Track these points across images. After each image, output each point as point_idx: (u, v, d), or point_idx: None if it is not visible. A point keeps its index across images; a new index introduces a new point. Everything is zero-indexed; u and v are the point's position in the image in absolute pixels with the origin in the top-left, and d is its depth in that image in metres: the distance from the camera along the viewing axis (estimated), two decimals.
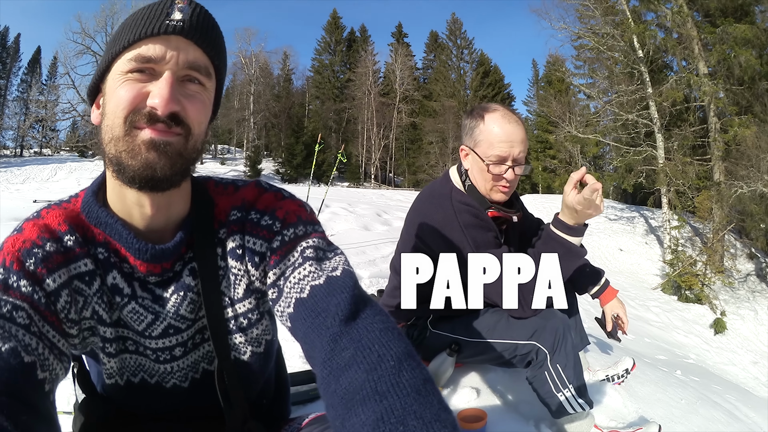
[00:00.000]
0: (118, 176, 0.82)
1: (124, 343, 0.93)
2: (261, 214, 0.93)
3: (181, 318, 0.93)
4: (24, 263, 0.80)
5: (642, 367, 3.27)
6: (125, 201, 0.86)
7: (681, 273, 15.71)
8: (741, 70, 17.04)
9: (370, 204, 14.01)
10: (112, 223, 0.86)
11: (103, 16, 38.08)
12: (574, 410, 1.82)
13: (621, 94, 19.87)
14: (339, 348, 0.72)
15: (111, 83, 0.82)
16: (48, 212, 0.87)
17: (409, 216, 2.08)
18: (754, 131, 16.17)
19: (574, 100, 33.38)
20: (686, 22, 18.36)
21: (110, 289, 0.89)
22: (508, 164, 1.87)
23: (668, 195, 18.87)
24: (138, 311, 0.91)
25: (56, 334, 0.80)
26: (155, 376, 0.96)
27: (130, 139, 0.79)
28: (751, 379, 10.24)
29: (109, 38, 0.77)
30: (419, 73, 55.97)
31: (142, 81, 0.80)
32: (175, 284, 0.92)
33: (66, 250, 0.85)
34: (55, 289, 0.82)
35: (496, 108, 1.92)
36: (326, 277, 0.83)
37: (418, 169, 49.19)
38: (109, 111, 0.81)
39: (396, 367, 0.66)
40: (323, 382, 0.70)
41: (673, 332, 11.52)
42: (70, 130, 46.86)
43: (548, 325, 1.80)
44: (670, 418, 2.58)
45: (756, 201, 15.79)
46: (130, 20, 0.82)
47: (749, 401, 5.63)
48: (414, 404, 0.60)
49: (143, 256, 0.86)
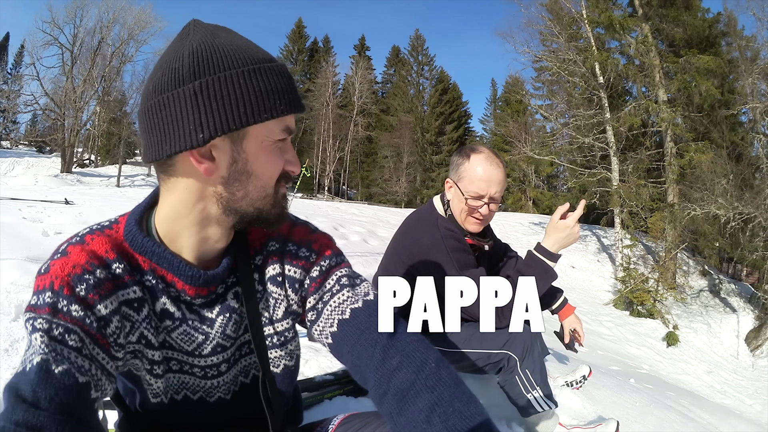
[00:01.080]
0: (247, 223, 0.94)
1: (168, 364, 0.99)
2: (298, 247, 1.05)
3: (227, 337, 1.01)
4: (75, 288, 0.84)
5: (597, 375, 3.59)
6: (203, 237, 0.94)
7: (633, 289, 16.34)
8: (701, 99, 18.12)
9: (326, 217, 14.02)
10: (160, 252, 0.92)
11: (73, 8, 36.37)
12: (542, 408, 2.07)
13: (579, 117, 20.57)
14: (388, 356, 0.89)
15: (258, 147, 0.88)
16: (93, 238, 0.91)
17: (397, 238, 2.30)
18: (711, 156, 17.12)
19: (530, 121, 34.37)
20: (650, 51, 19.32)
21: (160, 313, 0.95)
22: (484, 200, 2.12)
23: (621, 215, 19.67)
24: (189, 333, 0.98)
25: (106, 356, 0.85)
26: (199, 392, 1.04)
27: (277, 197, 0.94)
28: (705, 387, 10.76)
29: (214, 80, 0.80)
30: (378, 86, 56.43)
31: (281, 149, 0.92)
32: (220, 306, 1.00)
33: (114, 277, 0.89)
34: (106, 315, 0.86)
35: (482, 150, 2.19)
36: (363, 301, 0.99)
37: (372, 182, 49.39)
38: (262, 174, 0.90)
39: (436, 368, 0.86)
40: (376, 384, 0.88)
41: (626, 345, 11.98)
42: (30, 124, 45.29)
43: (518, 336, 2.06)
44: (626, 418, 2.90)
45: (709, 222, 16.71)
46: (264, 81, 0.85)
47: (703, 406, 5.97)
48: (456, 391, 0.81)
49: (196, 282, 0.94)
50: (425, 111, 51.81)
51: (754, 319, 16.07)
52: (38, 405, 0.73)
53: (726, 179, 16.81)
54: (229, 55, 0.84)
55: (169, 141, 0.84)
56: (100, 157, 44.59)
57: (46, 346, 0.78)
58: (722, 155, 17.70)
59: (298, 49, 54.56)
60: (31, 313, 0.83)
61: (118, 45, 38.14)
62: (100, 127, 40.36)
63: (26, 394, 0.73)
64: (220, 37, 0.86)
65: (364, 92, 49.73)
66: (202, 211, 0.91)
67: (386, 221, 16.67)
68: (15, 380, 0.76)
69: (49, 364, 0.76)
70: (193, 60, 0.83)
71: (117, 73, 39.12)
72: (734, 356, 14.36)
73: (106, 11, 37.29)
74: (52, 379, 0.75)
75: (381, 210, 23.81)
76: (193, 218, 0.92)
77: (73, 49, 36.45)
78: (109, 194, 13.40)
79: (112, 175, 35.34)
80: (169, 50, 0.86)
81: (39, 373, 0.75)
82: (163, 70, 0.84)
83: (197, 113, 0.82)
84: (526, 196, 40.07)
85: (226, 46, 0.84)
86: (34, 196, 9.24)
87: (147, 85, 0.87)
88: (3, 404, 0.74)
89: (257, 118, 0.84)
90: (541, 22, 22.68)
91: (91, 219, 6.24)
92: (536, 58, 23.83)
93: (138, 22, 38.21)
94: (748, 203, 16.06)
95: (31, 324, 0.81)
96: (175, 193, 0.91)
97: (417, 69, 53.87)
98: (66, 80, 36.05)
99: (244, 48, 0.86)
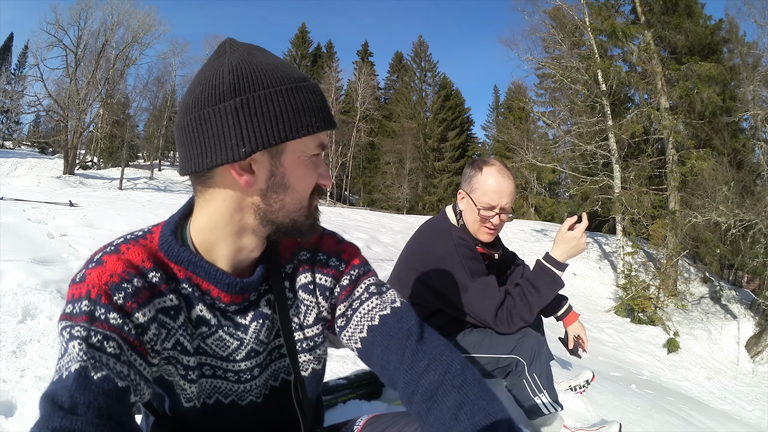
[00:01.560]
0: (282, 234, 0.98)
1: (201, 369, 1.02)
2: (328, 256, 1.10)
3: (260, 342, 1.05)
4: (112, 297, 0.85)
5: (600, 381, 3.67)
6: (238, 246, 0.98)
7: (634, 296, 16.31)
8: (702, 106, 18.16)
9: (329, 223, 13.67)
10: (196, 261, 0.95)
11: (77, 9, 36.68)
12: (549, 411, 2.14)
13: (581, 125, 20.62)
14: (416, 360, 0.95)
15: (296, 161, 0.92)
16: (128, 248, 0.93)
17: (410, 247, 2.38)
18: (712, 164, 17.13)
19: (533, 128, 34.38)
20: (652, 58, 19.37)
21: (195, 320, 0.98)
22: (495, 211, 2.21)
23: (623, 223, 19.67)
24: (224, 339, 1.01)
25: (143, 362, 0.87)
26: (231, 396, 1.07)
27: (311, 209, 0.98)
28: (705, 394, 10.73)
29: (253, 98, 0.84)
30: (381, 92, 56.72)
31: (316, 163, 0.95)
32: (253, 312, 1.03)
33: (151, 285, 0.91)
34: (144, 323, 0.88)
35: (494, 163, 2.28)
36: (390, 308, 1.05)
37: (374, 188, 49.43)
38: (299, 187, 0.94)
39: (461, 369, 0.92)
40: (405, 385, 0.95)
41: (627, 351, 11.94)
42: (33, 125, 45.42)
43: (526, 341, 2.13)
44: (628, 422, 2.94)
45: (711, 229, 16.71)
46: (300, 99, 0.90)
47: (703, 411, 5.97)
48: (480, 391, 0.88)
49: (233, 289, 0.98)
50: (428, 117, 51.99)
51: (754, 326, 16.07)
52: (76, 411, 0.73)
53: (727, 186, 16.83)
54: (267, 74, 0.88)
55: (210, 154, 0.88)
56: (103, 159, 44.72)
57: (84, 353, 0.79)
58: (723, 162, 17.75)
59: (302, 54, 54.88)
60: (66, 321, 0.83)
61: (122, 48, 38.45)
62: (103, 130, 40.53)
63: (63, 400, 0.74)
64: (257, 56, 0.89)
65: (367, 98, 49.82)
66: (239, 222, 0.94)
67: (389, 227, 16.65)
68: (51, 388, 0.76)
69: (88, 370, 0.77)
70: (233, 77, 0.86)
71: (120, 75, 39.47)
72: (734, 362, 14.35)
73: (111, 13, 37.64)
74: (91, 385, 0.76)
75: (384, 216, 23.77)
76: (231, 228, 0.95)
77: (77, 51, 36.69)
78: (112, 197, 13.41)
79: (115, 178, 35.45)
80: (208, 67, 0.89)
81: (77, 379, 0.76)
82: (202, 86, 0.87)
83: (239, 128, 0.86)
84: (527, 203, 40.04)
85: (264, 66, 0.88)
86: (38, 198, 9.25)
87: (186, 99, 0.90)
88: (39, 413, 0.74)
89: (295, 134, 0.88)
90: (544, 29, 22.79)
91: (95, 221, 6.27)
92: (539, 65, 23.85)
93: (142, 25, 38.55)
94: (749, 210, 16.08)
95: (69, 332, 0.82)
96: (213, 204, 0.94)
97: (420, 75, 54.15)
98: (69, 82, 36.31)
99: (281, 67, 0.90)
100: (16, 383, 2.32)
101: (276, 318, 1.06)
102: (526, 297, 2.09)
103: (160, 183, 37.73)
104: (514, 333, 2.14)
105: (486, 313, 2.09)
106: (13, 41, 44.20)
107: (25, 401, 2.19)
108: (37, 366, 2.56)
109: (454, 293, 2.10)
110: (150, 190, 28.93)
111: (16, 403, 2.17)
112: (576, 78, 21.15)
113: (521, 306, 2.09)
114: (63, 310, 0.86)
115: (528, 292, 2.10)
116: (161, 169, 44.68)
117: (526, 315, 2.09)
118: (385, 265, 8.15)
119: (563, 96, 23.78)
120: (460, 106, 53.57)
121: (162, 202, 12.74)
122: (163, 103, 45.32)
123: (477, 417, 0.84)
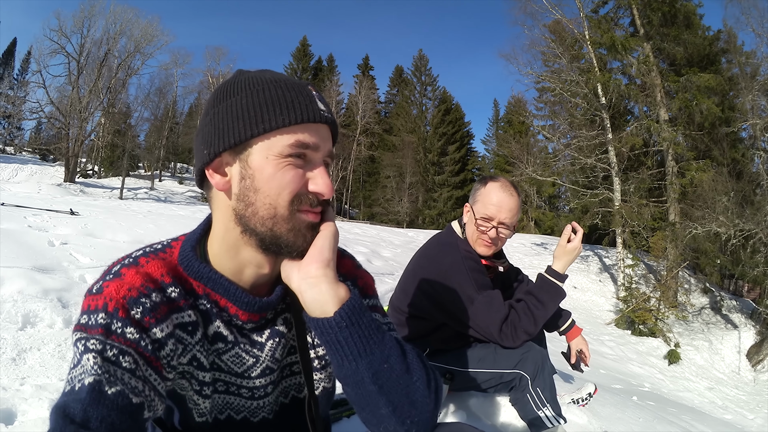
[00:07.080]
0: (268, 247, 0.92)
1: (215, 385, 1.01)
2: (344, 278, 1.10)
3: (275, 360, 1.05)
4: (130, 311, 0.84)
5: (602, 393, 3.67)
6: (241, 261, 0.96)
7: (635, 309, 16.25)
8: (702, 117, 18.22)
9: None
10: (216, 279, 0.94)
11: (81, 17, 36.88)
12: (552, 424, 2.14)
13: (581, 138, 20.64)
14: None
15: (263, 162, 0.88)
16: (147, 261, 0.92)
17: (416, 260, 2.42)
18: (711, 174, 17.16)
19: (533, 141, 34.45)
20: (651, 70, 19.45)
21: (212, 337, 0.97)
22: (492, 224, 2.26)
23: (623, 235, 19.65)
24: (240, 356, 1.01)
25: (158, 377, 0.86)
26: (243, 412, 1.06)
27: (295, 221, 0.90)
28: (707, 404, 10.64)
29: (228, 104, 0.86)
30: (381, 106, 56.91)
31: (300, 167, 0.89)
32: (269, 331, 1.03)
33: (170, 301, 0.90)
34: (161, 338, 0.87)
35: (500, 180, 2.34)
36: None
37: (374, 202, 49.46)
38: (269, 190, 0.88)
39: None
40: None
41: (628, 364, 11.85)
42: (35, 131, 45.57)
43: (529, 356, 2.16)
44: None
45: (711, 240, 16.68)
46: (267, 96, 0.88)
47: (705, 421, 5.97)
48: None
49: (251, 308, 0.97)
50: (428, 131, 52.08)
51: (755, 335, 15.98)
52: (88, 425, 0.72)
53: (727, 196, 16.80)
54: (248, 81, 0.89)
55: (197, 162, 0.93)
56: (104, 168, 44.75)
57: (99, 367, 0.77)
58: (723, 172, 17.77)
59: (303, 67, 55.12)
60: (81, 332, 0.82)
61: (125, 57, 38.58)
62: (105, 139, 40.56)
63: (76, 413, 0.73)
64: (250, 72, 0.91)
65: (367, 112, 49.96)
66: (232, 230, 0.93)
67: (389, 241, 16.64)
68: (63, 399, 0.75)
69: (102, 384, 0.76)
70: (218, 89, 0.91)
71: (122, 85, 39.59)
72: (735, 372, 14.25)
73: (114, 22, 37.86)
74: (105, 400, 0.75)
75: (384, 230, 23.77)
76: (228, 240, 0.95)
77: (79, 58, 36.84)
78: (113, 206, 13.40)
79: (115, 187, 35.42)
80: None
81: (91, 393, 0.74)
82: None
83: (210, 133, 0.90)
84: (528, 216, 40.02)
85: (253, 77, 0.90)
86: (39, 205, 9.25)
87: None
88: (50, 424, 0.73)
89: (253, 130, 0.87)
90: (544, 43, 22.91)
91: (96, 231, 6.26)
92: (539, 78, 23.96)
93: (145, 35, 38.74)
94: (749, 220, 16.05)
95: (83, 344, 0.80)
96: (214, 215, 0.97)
97: (420, 89, 54.31)
98: (72, 90, 36.41)
99: (268, 76, 0.90)
100: (16, 391, 2.31)
101: (290, 336, 1.07)
102: (531, 311, 2.12)
103: (160, 194, 37.67)
104: (518, 347, 2.17)
105: (491, 326, 2.12)
106: (17, 46, 44.41)
107: (25, 409, 2.18)
108: (37, 374, 2.55)
109: (460, 307, 2.13)
110: (150, 201, 28.86)
111: (17, 411, 2.16)
112: (576, 91, 21.17)
113: (526, 320, 2.11)
114: (77, 320, 0.85)
115: (533, 305, 2.13)
116: (162, 180, 44.59)
117: (531, 328, 2.11)
118: (386, 279, 8.13)
119: (563, 109, 23.84)
120: (460, 120, 53.60)
121: (162, 213, 12.74)
122: (165, 114, 45.33)
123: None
